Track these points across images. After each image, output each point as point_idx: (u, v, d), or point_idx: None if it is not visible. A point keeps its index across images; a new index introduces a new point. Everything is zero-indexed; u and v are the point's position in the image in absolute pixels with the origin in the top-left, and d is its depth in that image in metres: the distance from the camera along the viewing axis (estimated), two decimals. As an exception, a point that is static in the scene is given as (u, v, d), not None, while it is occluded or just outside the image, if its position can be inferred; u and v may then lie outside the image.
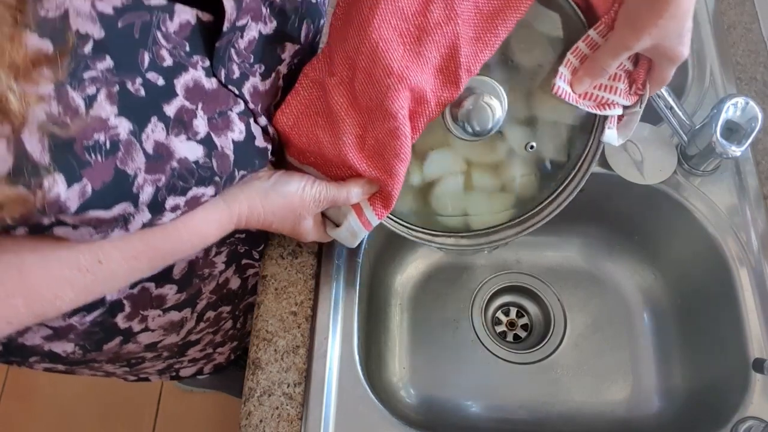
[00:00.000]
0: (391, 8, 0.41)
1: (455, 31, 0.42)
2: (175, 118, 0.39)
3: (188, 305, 0.62)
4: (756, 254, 0.65)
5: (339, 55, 0.44)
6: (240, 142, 0.44)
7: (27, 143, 0.32)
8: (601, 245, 0.81)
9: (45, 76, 0.32)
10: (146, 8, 0.36)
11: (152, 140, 0.38)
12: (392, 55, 0.42)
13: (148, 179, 0.38)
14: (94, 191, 0.35)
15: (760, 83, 0.72)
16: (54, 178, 0.33)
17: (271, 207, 0.49)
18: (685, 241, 0.71)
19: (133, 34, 0.36)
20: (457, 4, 0.42)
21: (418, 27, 0.42)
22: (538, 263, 0.81)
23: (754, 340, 0.62)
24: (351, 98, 0.45)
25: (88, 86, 0.34)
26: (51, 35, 0.31)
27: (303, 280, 0.62)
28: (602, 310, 0.78)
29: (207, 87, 0.41)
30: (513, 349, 0.76)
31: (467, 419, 0.72)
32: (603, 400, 0.73)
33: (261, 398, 0.56)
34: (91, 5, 0.33)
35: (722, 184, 0.68)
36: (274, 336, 0.59)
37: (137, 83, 0.37)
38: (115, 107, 0.35)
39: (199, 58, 0.40)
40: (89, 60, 0.34)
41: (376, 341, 0.74)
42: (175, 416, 1.41)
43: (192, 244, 0.47)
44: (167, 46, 0.38)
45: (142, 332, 0.60)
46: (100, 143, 0.35)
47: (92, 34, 0.34)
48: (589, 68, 0.46)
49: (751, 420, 0.56)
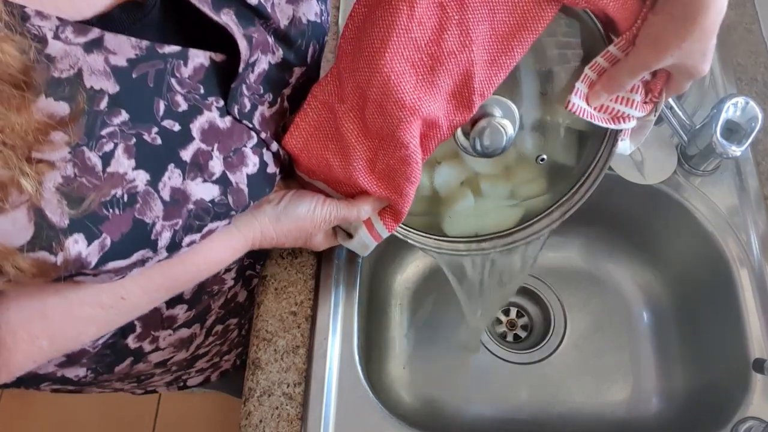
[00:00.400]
0: (404, 39, 0.39)
1: (470, 58, 0.40)
2: (191, 162, 0.39)
3: (197, 321, 0.62)
4: (756, 254, 0.65)
5: (349, 84, 0.43)
6: (253, 174, 0.44)
7: (46, 209, 0.31)
8: (601, 245, 0.81)
9: (60, 140, 0.31)
10: (160, 56, 0.36)
11: (169, 187, 0.38)
12: (404, 88, 0.40)
13: (165, 225, 0.38)
14: (113, 243, 0.35)
15: (760, 84, 0.72)
16: (74, 238, 0.33)
17: (282, 230, 0.50)
18: (685, 241, 0.71)
19: (148, 84, 0.36)
20: (472, 30, 0.40)
21: (431, 56, 0.40)
22: (538, 263, 0.81)
23: (754, 340, 0.62)
24: (361, 125, 0.44)
25: (105, 143, 0.34)
26: (65, 97, 0.31)
27: (303, 280, 0.62)
28: (602, 310, 0.78)
29: (222, 127, 0.41)
30: (513, 349, 0.76)
31: (467, 419, 0.72)
32: (603, 400, 0.73)
33: (261, 398, 0.56)
34: (105, 61, 0.33)
35: (722, 184, 0.68)
36: (274, 336, 0.59)
37: (153, 132, 0.36)
38: (132, 161, 0.35)
39: (213, 99, 0.40)
40: (105, 116, 0.34)
41: (376, 341, 0.74)
42: (175, 416, 1.41)
43: (208, 270, 0.49)
44: (182, 91, 0.38)
45: (152, 352, 0.60)
46: (117, 197, 0.35)
47: (107, 90, 0.34)
48: (606, 84, 0.44)
49: (751, 420, 0.56)
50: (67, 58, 0.31)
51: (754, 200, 0.67)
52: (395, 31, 0.39)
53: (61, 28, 0.31)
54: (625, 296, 0.79)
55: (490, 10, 0.39)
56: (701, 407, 0.67)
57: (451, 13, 0.39)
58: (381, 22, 0.39)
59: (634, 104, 0.45)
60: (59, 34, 0.31)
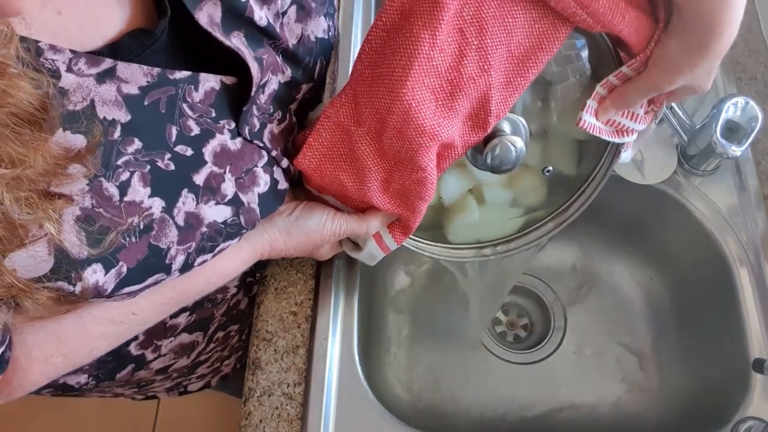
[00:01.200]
0: (426, 68, 0.39)
1: (488, 82, 0.41)
2: (204, 186, 0.39)
3: (200, 329, 0.63)
4: (756, 254, 0.65)
5: (367, 108, 0.43)
6: (264, 193, 0.44)
7: (65, 242, 0.32)
8: (601, 245, 0.81)
9: (77, 172, 0.31)
10: (171, 82, 0.36)
11: (183, 212, 0.38)
12: (425, 114, 0.40)
13: (179, 249, 0.38)
14: (129, 269, 0.36)
15: (760, 83, 0.72)
16: (93, 268, 0.34)
17: (292, 243, 0.51)
18: (685, 241, 0.71)
19: (160, 110, 0.36)
20: (490, 54, 0.40)
21: (450, 82, 0.40)
22: (538, 263, 0.81)
23: (754, 340, 0.62)
24: (378, 148, 0.44)
25: (121, 173, 0.34)
26: (80, 129, 0.31)
27: (303, 280, 0.62)
28: (602, 310, 0.78)
29: (233, 149, 0.41)
30: (513, 349, 0.76)
31: (467, 419, 0.72)
32: (603, 400, 0.73)
33: (261, 398, 0.56)
34: (117, 90, 0.33)
35: (722, 184, 0.68)
36: (274, 336, 0.59)
37: (166, 158, 0.36)
38: (148, 188, 0.35)
39: (225, 122, 0.40)
40: (120, 145, 0.34)
41: (376, 341, 0.74)
42: (175, 416, 1.41)
43: (217, 283, 0.50)
44: (194, 115, 0.38)
45: (154, 360, 0.60)
46: (134, 225, 0.35)
47: (119, 119, 0.34)
48: (616, 101, 0.44)
49: (751, 420, 0.56)
50: (79, 90, 0.31)
51: (754, 200, 0.67)
52: (417, 60, 0.38)
53: (74, 61, 0.31)
54: (625, 296, 0.79)
55: (507, 34, 0.39)
56: (701, 407, 0.67)
57: (470, 38, 0.39)
58: (402, 50, 0.38)
59: (637, 118, 0.46)
60: (72, 67, 0.31)
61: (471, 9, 0.38)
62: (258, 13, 0.39)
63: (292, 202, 0.50)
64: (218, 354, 0.72)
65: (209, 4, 0.36)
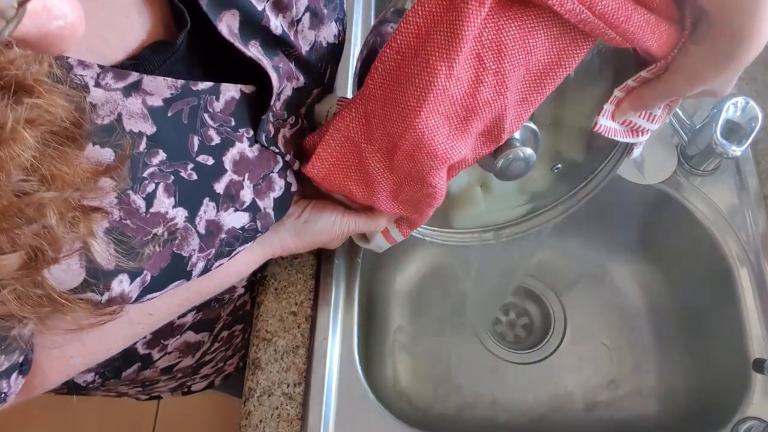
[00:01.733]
0: (440, 98, 0.38)
1: (504, 104, 0.40)
2: (224, 194, 0.40)
3: (206, 329, 0.63)
4: (756, 254, 0.65)
5: (379, 129, 0.42)
6: (279, 197, 0.44)
7: (96, 255, 0.32)
8: (601, 245, 0.81)
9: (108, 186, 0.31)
10: (194, 93, 0.36)
11: (204, 220, 0.39)
12: (438, 140, 0.40)
13: (200, 256, 0.39)
14: (153, 277, 0.36)
15: (760, 83, 0.72)
16: (120, 279, 0.34)
17: (302, 243, 0.52)
18: (685, 241, 0.71)
19: (182, 121, 0.36)
20: (508, 78, 0.38)
21: (465, 108, 0.39)
22: (538, 263, 0.81)
23: (754, 340, 0.62)
24: (388, 164, 0.44)
25: (147, 185, 0.34)
26: (110, 143, 0.31)
27: (303, 280, 0.62)
28: (602, 310, 0.78)
29: (251, 156, 0.41)
30: (513, 349, 0.76)
31: (467, 419, 0.72)
32: (603, 400, 0.73)
33: (261, 398, 0.56)
34: (142, 102, 0.33)
35: (722, 184, 0.68)
36: (274, 336, 0.59)
37: (189, 168, 0.37)
38: (172, 199, 0.36)
39: (244, 131, 0.40)
40: (145, 158, 0.34)
41: (376, 341, 0.74)
42: (175, 416, 1.41)
43: (229, 283, 0.51)
44: (214, 125, 0.38)
45: (160, 358, 0.61)
46: (158, 235, 0.36)
47: (145, 131, 0.34)
48: (634, 103, 0.43)
49: (751, 420, 0.56)
50: (107, 104, 0.32)
51: (754, 200, 0.67)
52: (432, 92, 0.38)
53: (102, 75, 0.31)
54: (625, 296, 0.79)
55: (527, 53, 0.38)
56: (701, 407, 0.67)
57: (488, 63, 0.38)
58: (418, 81, 0.38)
59: (654, 118, 0.45)
60: (100, 81, 0.31)
61: (490, 33, 0.36)
62: (274, 22, 0.39)
63: (300, 204, 0.51)
64: (222, 354, 0.72)
65: (228, 15, 0.36)
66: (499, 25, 0.36)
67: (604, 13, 0.34)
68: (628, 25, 0.35)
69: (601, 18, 0.34)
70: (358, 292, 0.63)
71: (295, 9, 0.41)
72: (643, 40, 0.36)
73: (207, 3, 0.34)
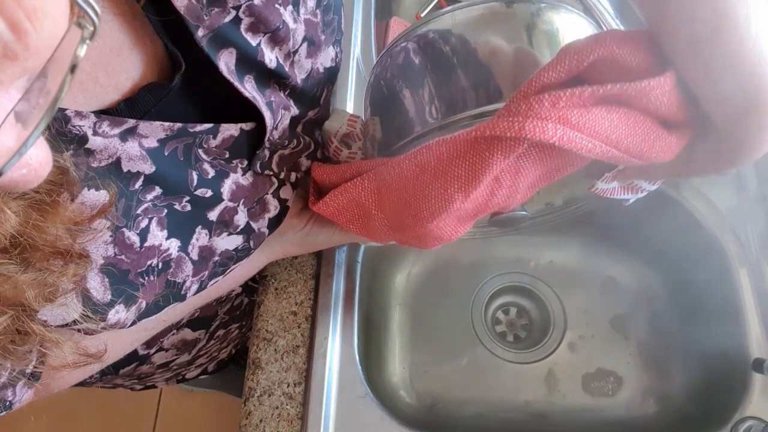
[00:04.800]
0: (454, 214, 0.39)
1: (513, 202, 0.41)
2: (218, 221, 0.40)
3: (203, 327, 0.64)
4: (756, 254, 0.65)
5: (390, 210, 0.43)
6: (274, 216, 0.45)
7: (91, 290, 0.33)
8: (600, 245, 0.81)
9: (102, 226, 0.32)
10: (191, 134, 0.36)
11: (197, 247, 0.39)
12: (445, 231, 0.41)
13: (194, 280, 0.40)
14: (148, 304, 0.37)
15: (760, 83, 0.72)
16: (115, 309, 0.35)
17: (302, 250, 0.55)
18: (685, 241, 0.71)
19: (178, 158, 0.36)
20: (520, 187, 0.39)
21: (476, 210, 0.40)
22: (538, 263, 0.81)
23: (754, 340, 0.62)
24: (395, 230, 0.45)
25: (141, 220, 0.35)
26: (104, 185, 0.32)
27: (303, 280, 0.62)
28: (602, 309, 0.78)
29: (245, 184, 0.41)
30: (513, 349, 0.76)
31: (467, 419, 0.72)
32: (603, 399, 0.73)
33: (261, 398, 0.56)
34: (139, 145, 0.33)
35: (722, 184, 0.68)
36: (274, 336, 0.59)
37: (184, 201, 0.37)
38: (164, 231, 0.36)
39: (238, 161, 0.40)
40: (140, 194, 0.34)
41: (376, 341, 0.74)
42: (175, 416, 1.41)
43: (235, 284, 0.53)
44: (208, 159, 0.38)
45: (156, 353, 0.62)
46: (153, 266, 0.36)
47: (143, 171, 0.34)
48: (637, 174, 0.43)
49: (751, 420, 0.56)
50: (106, 150, 0.32)
51: (754, 200, 0.67)
52: (446, 211, 0.39)
53: (98, 124, 0.31)
54: (625, 296, 0.79)
55: (541, 163, 0.38)
56: (701, 407, 0.67)
57: (503, 181, 0.38)
58: (434, 201, 0.39)
59: (656, 182, 0.45)
60: (97, 130, 0.31)
61: (510, 162, 0.36)
62: (268, 55, 0.39)
63: (303, 216, 0.51)
64: (217, 346, 0.73)
65: (225, 53, 0.36)
66: (520, 154, 0.36)
67: (629, 148, 0.34)
68: (651, 153, 0.35)
69: (626, 152, 0.34)
70: (358, 292, 0.63)
71: (292, 41, 0.40)
72: (661, 158, 0.36)
73: (207, 44, 0.34)
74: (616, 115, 0.33)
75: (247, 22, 0.36)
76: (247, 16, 0.36)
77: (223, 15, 0.34)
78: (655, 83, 0.31)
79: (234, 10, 0.35)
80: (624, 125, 0.33)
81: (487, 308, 0.80)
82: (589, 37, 0.33)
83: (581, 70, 0.33)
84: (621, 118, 0.33)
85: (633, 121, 0.33)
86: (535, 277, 0.80)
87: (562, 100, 0.32)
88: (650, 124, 0.34)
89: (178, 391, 1.41)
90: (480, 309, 0.78)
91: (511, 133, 0.32)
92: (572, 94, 0.32)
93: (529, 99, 0.32)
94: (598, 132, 0.32)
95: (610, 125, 0.33)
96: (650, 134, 0.34)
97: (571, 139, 0.32)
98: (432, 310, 0.79)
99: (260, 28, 0.37)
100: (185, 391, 1.40)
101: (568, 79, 0.33)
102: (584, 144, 0.32)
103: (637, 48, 0.32)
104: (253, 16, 0.36)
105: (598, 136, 0.32)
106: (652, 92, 0.32)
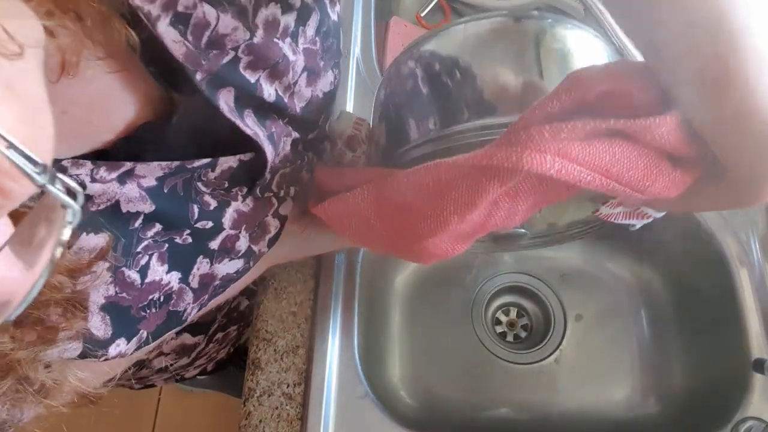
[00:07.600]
0: (451, 235, 0.39)
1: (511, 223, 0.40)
2: (219, 249, 0.40)
3: (201, 332, 0.64)
4: (756, 254, 0.65)
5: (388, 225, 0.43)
6: (274, 235, 0.45)
7: (92, 328, 0.33)
8: (601, 245, 0.81)
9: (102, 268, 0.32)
10: (189, 170, 0.36)
11: (198, 276, 0.39)
12: (440, 249, 0.41)
13: (194, 306, 0.40)
14: (149, 334, 0.37)
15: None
16: (117, 343, 0.35)
17: (301, 254, 0.55)
18: (685, 241, 0.71)
19: (178, 193, 0.36)
20: (519, 209, 0.38)
21: (473, 229, 0.40)
22: (537, 263, 0.81)
23: (754, 340, 0.62)
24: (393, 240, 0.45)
25: (141, 258, 0.35)
26: (104, 228, 0.32)
27: (303, 280, 0.62)
28: (602, 310, 0.78)
29: (246, 210, 0.41)
30: (513, 349, 0.76)
31: (467, 419, 0.72)
32: (603, 400, 0.73)
33: (261, 398, 0.56)
34: (138, 186, 0.33)
35: (722, 184, 0.68)
36: (274, 336, 0.59)
37: (185, 234, 0.37)
38: (165, 265, 0.36)
39: (237, 189, 0.40)
40: (140, 232, 0.34)
41: (376, 341, 0.74)
42: (175, 416, 1.41)
43: (234, 293, 0.53)
44: (207, 190, 0.38)
45: (156, 357, 0.62)
46: (154, 300, 0.36)
47: (143, 211, 0.34)
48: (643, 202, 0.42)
49: (751, 420, 0.56)
50: (104, 194, 0.32)
51: (754, 200, 0.67)
52: (443, 232, 0.39)
53: (95, 171, 0.31)
54: (625, 296, 0.79)
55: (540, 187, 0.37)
56: (701, 407, 0.67)
57: (502, 204, 0.38)
58: (431, 222, 0.38)
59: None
60: (95, 176, 0.31)
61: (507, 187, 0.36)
62: (267, 90, 0.38)
63: (302, 222, 0.51)
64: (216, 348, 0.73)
65: (224, 92, 0.35)
66: (519, 180, 0.36)
67: (630, 182, 0.33)
68: (653, 188, 0.34)
69: (628, 186, 0.33)
70: (358, 292, 0.63)
71: (291, 73, 0.40)
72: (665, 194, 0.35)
73: (206, 86, 0.34)
74: (618, 149, 0.32)
75: (246, 61, 0.35)
76: (246, 55, 0.35)
77: (222, 56, 0.34)
78: (662, 121, 0.31)
79: (233, 51, 0.34)
80: (626, 159, 0.32)
81: (488, 308, 0.80)
82: (598, 67, 0.32)
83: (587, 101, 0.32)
84: (623, 152, 0.32)
85: (636, 156, 0.32)
86: (535, 277, 0.80)
87: (564, 132, 0.31)
88: (654, 159, 0.33)
89: (177, 391, 1.41)
90: (480, 309, 0.78)
91: (509, 164, 0.32)
92: (574, 127, 0.31)
93: (530, 129, 0.32)
94: (599, 165, 0.32)
95: (611, 159, 0.32)
96: (653, 169, 0.33)
97: (569, 172, 0.31)
98: (432, 311, 0.79)
99: (259, 65, 0.36)
100: (185, 391, 1.40)
101: (572, 108, 0.33)
102: (583, 177, 0.32)
103: (647, 83, 0.31)
104: (252, 54, 0.35)
105: (599, 169, 0.32)
106: (657, 130, 0.31)
